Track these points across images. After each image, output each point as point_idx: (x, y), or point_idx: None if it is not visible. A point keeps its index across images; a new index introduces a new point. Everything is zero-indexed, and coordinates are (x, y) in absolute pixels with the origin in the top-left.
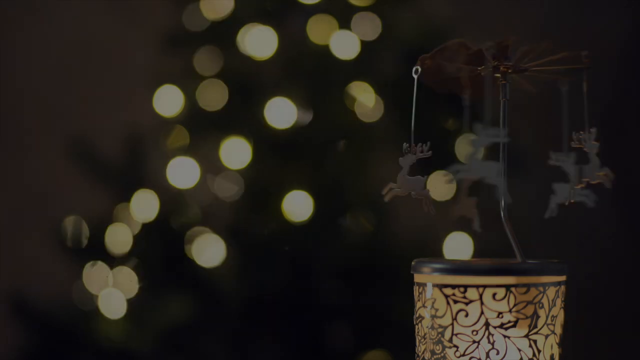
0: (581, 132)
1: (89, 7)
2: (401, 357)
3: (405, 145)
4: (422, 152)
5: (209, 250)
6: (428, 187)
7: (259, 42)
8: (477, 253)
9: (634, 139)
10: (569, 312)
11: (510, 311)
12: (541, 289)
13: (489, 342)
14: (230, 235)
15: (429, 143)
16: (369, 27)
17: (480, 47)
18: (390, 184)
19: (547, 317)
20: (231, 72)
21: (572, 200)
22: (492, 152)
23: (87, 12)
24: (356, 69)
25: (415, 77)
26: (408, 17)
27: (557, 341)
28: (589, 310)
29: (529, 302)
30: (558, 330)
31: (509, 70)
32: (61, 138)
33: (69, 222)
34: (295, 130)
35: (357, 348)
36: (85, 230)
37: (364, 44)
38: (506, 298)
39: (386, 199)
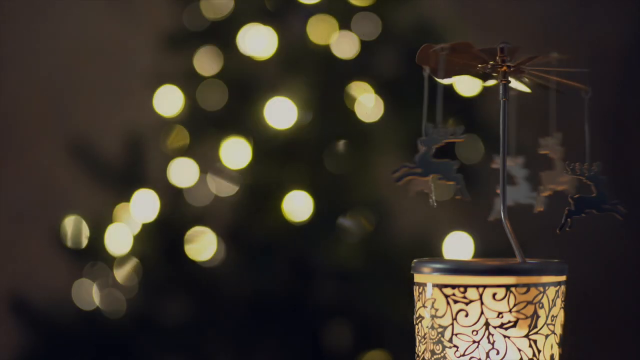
0: (577, 164)
1: (89, 8)
2: (401, 357)
3: (428, 124)
4: (453, 134)
5: (209, 250)
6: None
7: (259, 42)
8: (477, 253)
9: (635, 139)
10: (569, 312)
11: (510, 311)
12: (541, 289)
13: (489, 342)
14: (230, 235)
15: (462, 127)
16: (369, 27)
17: (486, 47)
18: (404, 164)
19: (547, 317)
20: (231, 72)
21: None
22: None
23: (87, 13)
24: (356, 69)
25: (425, 74)
26: (408, 17)
27: (557, 341)
28: (589, 310)
29: (529, 302)
30: (558, 330)
31: (509, 70)
32: (61, 138)
33: (69, 222)
34: (295, 130)
35: (357, 348)
36: (85, 230)
37: (364, 44)
38: (506, 298)
39: (401, 183)
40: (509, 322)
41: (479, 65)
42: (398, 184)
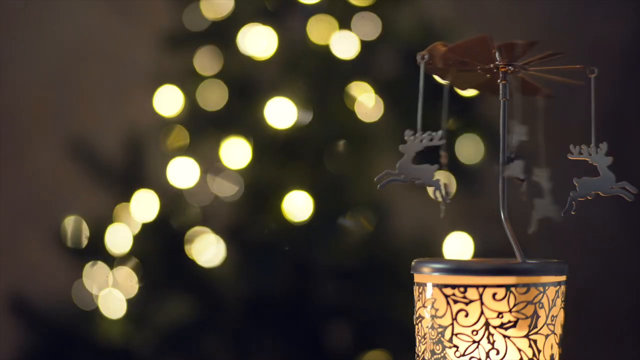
0: (583, 146)
1: (89, 7)
2: (401, 357)
3: (408, 132)
4: (431, 139)
5: (209, 250)
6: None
7: (259, 42)
8: (477, 253)
9: (635, 139)
10: (569, 312)
11: (510, 311)
12: (541, 289)
13: (489, 342)
14: (230, 235)
15: (440, 131)
16: (369, 27)
17: (499, 44)
18: (387, 171)
19: (547, 317)
20: (231, 72)
21: (607, 195)
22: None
23: (87, 12)
24: (356, 69)
25: (422, 63)
26: (408, 17)
27: (557, 341)
28: (589, 310)
29: (529, 302)
30: (558, 330)
31: (509, 70)
32: (61, 138)
33: (69, 222)
34: (295, 130)
35: (357, 348)
36: (85, 230)
37: (364, 44)
38: (506, 298)
39: (381, 186)
40: (509, 322)
41: (481, 67)
42: (382, 189)
